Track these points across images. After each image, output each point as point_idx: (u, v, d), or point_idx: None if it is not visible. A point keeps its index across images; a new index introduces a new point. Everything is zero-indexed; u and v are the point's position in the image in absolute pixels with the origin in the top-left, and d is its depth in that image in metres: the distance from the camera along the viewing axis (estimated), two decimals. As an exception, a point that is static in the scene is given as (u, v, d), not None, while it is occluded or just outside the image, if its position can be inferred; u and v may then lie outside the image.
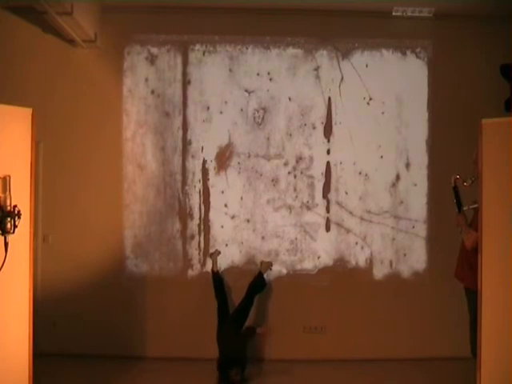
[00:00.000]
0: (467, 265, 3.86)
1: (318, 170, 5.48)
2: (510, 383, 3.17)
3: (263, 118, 5.47)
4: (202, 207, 5.45)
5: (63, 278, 5.29)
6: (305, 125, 5.48)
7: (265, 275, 5.15)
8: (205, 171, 5.46)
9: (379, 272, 5.46)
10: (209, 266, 5.27)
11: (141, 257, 5.42)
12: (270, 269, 5.23)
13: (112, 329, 5.30)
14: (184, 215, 5.44)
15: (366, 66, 5.48)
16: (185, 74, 5.46)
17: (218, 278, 5.07)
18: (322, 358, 5.27)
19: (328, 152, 5.48)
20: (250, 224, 5.45)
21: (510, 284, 3.20)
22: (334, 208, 5.47)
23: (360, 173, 5.47)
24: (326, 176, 5.47)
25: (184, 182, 5.46)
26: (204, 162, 5.46)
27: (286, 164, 5.47)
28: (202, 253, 5.42)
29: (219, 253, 5.24)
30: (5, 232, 3.08)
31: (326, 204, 5.47)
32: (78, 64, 5.38)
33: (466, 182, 3.84)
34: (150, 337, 5.34)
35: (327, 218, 5.47)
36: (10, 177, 3.11)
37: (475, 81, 5.34)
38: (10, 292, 3.21)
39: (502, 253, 3.26)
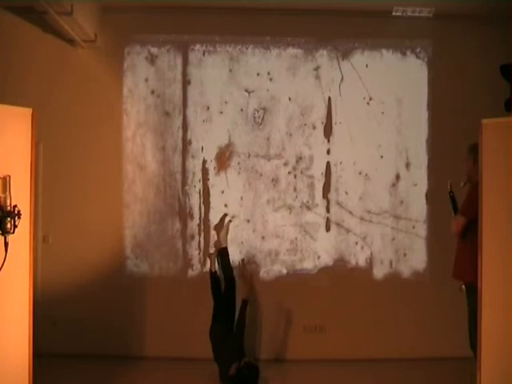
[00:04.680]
0: (465, 261, 3.87)
1: (318, 170, 5.48)
2: (510, 383, 3.17)
3: (263, 118, 5.47)
4: (202, 207, 5.45)
5: (63, 278, 5.29)
6: (305, 125, 5.48)
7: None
8: (205, 171, 5.46)
9: (379, 272, 5.46)
10: (209, 266, 5.26)
11: (141, 257, 5.42)
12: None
13: (112, 329, 5.30)
14: (184, 215, 5.44)
15: (366, 66, 5.48)
16: (185, 74, 5.46)
17: (215, 279, 5.06)
18: (322, 357, 5.27)
19: (328, 152, 5.48)
20: (250, 224, 5.45)
21: (510, 284, 3.20)
22: (334, 208, 5.47)
23: (360, 173, 5.47)
24: (326, 176, 5.47)
25: (184, 182, 5.46)
26: (204, 162, 5.46)
27: (286, 164, 5.47)
28: (202, 253, 5.42)
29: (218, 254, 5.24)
30: (5, 232, 3.07)
31: (326, 204, 5.47)
32: (77, 64, 5.38)
33: (460, 184, 3.96)
34: (149, 337, 5.34)
35: (327, 218, 5.47)
36: (9, 177, 3.11)
37: (475, 81, 5.34)
38: (10, 292, 3.21)
39: (501, 253, 3.26)
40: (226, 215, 5.21)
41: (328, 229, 5.47)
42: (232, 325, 4.84)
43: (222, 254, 5.08)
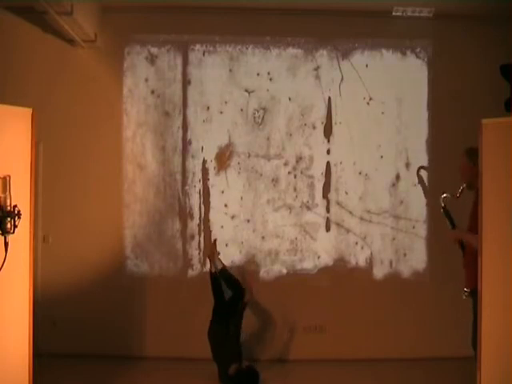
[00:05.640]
0: (475, 270, 3.84)
1: (318, 170, 5.48)
2: (510, 383, 3.17)
3: (263, 117, 5.47)
4: (202, 207, 5.45)
5: (63, 277, 5.29)
6: (305, 125, 5.48)
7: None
8: (205, 171, 5.46)
9: (379, 272, 5.47)
10: (209, 266, 5.25)
11: (141, 257, 5.42)
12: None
13: (112, 329, 5.30)
14: (184, 215, 5.44)
15: (366, 66, 5.48)
16: (185, 74, 5.46)
17: (215, 279, 5.04)
18: (321, 357, 5.27)
19: (328, 152, 5.48)
20: (250, 224, 5.45)
21: (510, 285, 3.20)
22: (334, 208, 5.47)
23: (360, 173, 5.47)
24: (326, 176, 5.47)
25: (184, 182, 5.46)
26: (204, 161, 5.46)
27: (286, 164, 5.47)
28: (202, 253, 5.42)
29: (218, 253, 5.21)
30: (5, 232, 3.07)
31: (326, 204, 5.47)
32: (77, 64, 5.38)
33: (457, 193, 3.91)
34: (149, 337, 5.34)
35: (327, 217, 5.47)
36: (9, 177, 3.10)
37: (475, 81, 5.34)
38: (10, 292, 3.21)
39: (501, 254, 3.25)
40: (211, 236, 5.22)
41: (328, 229, 5.47)
42: (230, 327, 4.83)
43: (223, 273, 5.01)
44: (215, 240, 5.18)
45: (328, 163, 5.48)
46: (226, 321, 4.82)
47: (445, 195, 4.00)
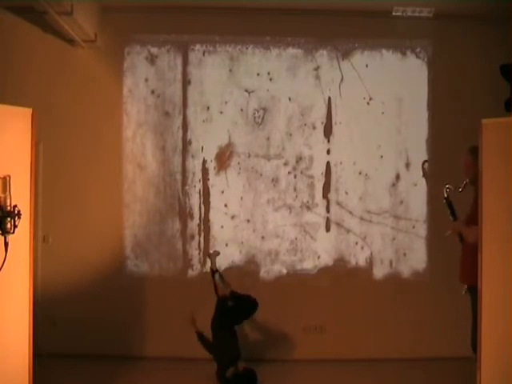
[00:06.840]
0: (473, 264, 3.84)
1: (318, 170, 5.48)
2: (510, 383, 3.17)
3: (263, 117, 5.47)
4: (202, 207, 5.45)
5: (63, 277, 5.29)
6: (305, 125, 5.48)
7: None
8: (205, 171, 5.46)
9: (379, 272, 5.47)
10: (209, 266, 5.25)
11: (141, 257, 5.42)
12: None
13: (112, 329, 5.30)
14: (184, 215, 5.44)
15: (366, 66, 5.48)
16: (185, 74, 5.46)
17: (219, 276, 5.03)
18: (321, 357, 5.27)
19: (328, 152, 5.49)
20: (250, 224, 5.45)
21: (510, 284, 3.20)
22: (334, 208, 5.47)
23: (360, 173, 5.47)
24: (326, 176, 5.47)
25: (184, 182, 5.46)
26: (204, 161, 5.46)
27: (286, 164, 5.47)
28: (202, 253, 5.43)
29: (218, 253, 5.19)
30: (5, 232, 3.07)
31: (326, 204, 5.47)
32: (77, 64, 5.38)
33: (459, 187, 3.98)
34: (149, 337, 5.34)
35: (327, 217, 5.47)
36: (9, 177, 3.11)
37: (475, 81, 5.34)
38: (10, 292, 3.21)
39: (501, 253, 3.26)
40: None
41: (328, 229, 5.47)
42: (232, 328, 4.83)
43: (233, 297, 4.87)
44: (214, 252, 5.13)
45: (328, 163, 5.48)
46: (228, 327, 4.80)
47: (448, 186, 4.06)
